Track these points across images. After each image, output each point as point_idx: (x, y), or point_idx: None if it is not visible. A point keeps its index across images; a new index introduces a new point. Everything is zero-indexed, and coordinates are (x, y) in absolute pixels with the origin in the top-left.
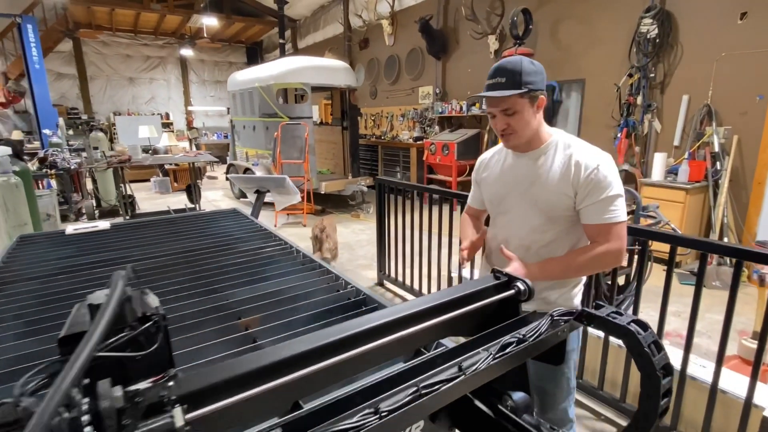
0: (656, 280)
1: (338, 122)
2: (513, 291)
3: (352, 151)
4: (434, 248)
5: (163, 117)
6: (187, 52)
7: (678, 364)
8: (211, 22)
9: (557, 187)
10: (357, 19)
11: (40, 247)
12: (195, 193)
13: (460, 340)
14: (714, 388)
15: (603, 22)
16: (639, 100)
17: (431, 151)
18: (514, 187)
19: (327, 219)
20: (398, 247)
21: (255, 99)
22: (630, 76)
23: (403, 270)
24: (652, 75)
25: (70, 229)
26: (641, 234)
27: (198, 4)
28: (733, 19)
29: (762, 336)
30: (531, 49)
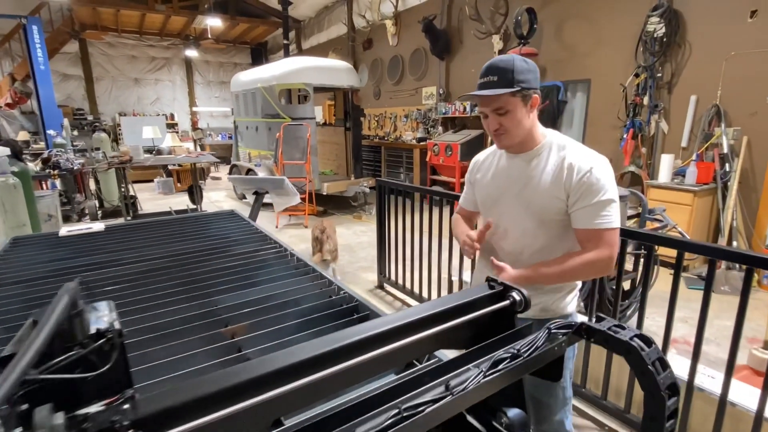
0: (663, 284)
1: (341, 123)
2: (508, 302)
3: (355, 152)
4: (434, 251)
5: (168, 118)
6: (191, 53)
7: (685, 374)
8: (215, 23)
9: (550, 190)
10: (361, 20)
11: (32, 249)
12: (197, 193)
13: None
14: (723, 400)
15: (609, 21)
16: (646, 100)
17: (434, 152)
18: (506, 189)
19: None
20: (399, 249)
21: (257, 100)
22: (636, 75)
23: (403, 273)
24: (659, 75)
25: (64, 230)
26: (647, 239)
27: (202, 5)
28: (743, 17)
29: None
30: (535, 49)
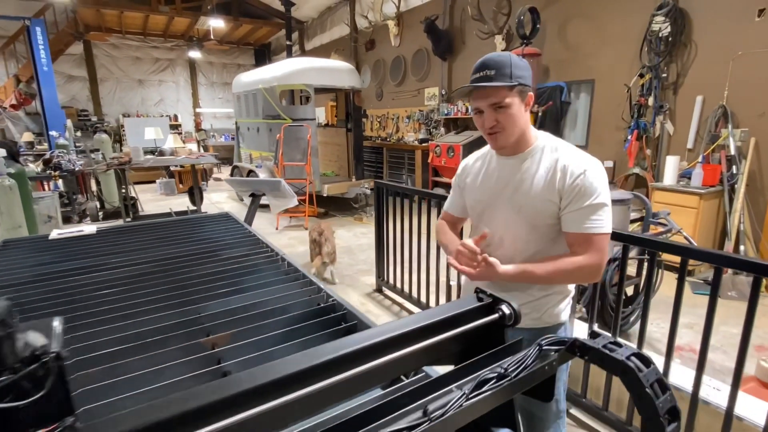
0: (667, 288)
1: (343, 124)
2: (497, 315)
3: (356, 153)
4: (433, 255)
5: (171, 119)
6: (195, 54)
7: (689, 386)
8: (218, 24)
9: (543, 193)
10: (363, 20)
11: (21, 253)
12: (197, 195)
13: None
14: (729, 413)
15: (613, 20)
16: (650, 101)
17: (436, 153)
18: (497, 192)
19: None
20: (397, 253)
21: (259, 101)
22: (641, 76)
23: (401, 277)
24: (664, 75)
25: (55, 233)
26: (650, 245)
27: (206, 7)
28: (750, 16)
29: None
30: (538, 49)
